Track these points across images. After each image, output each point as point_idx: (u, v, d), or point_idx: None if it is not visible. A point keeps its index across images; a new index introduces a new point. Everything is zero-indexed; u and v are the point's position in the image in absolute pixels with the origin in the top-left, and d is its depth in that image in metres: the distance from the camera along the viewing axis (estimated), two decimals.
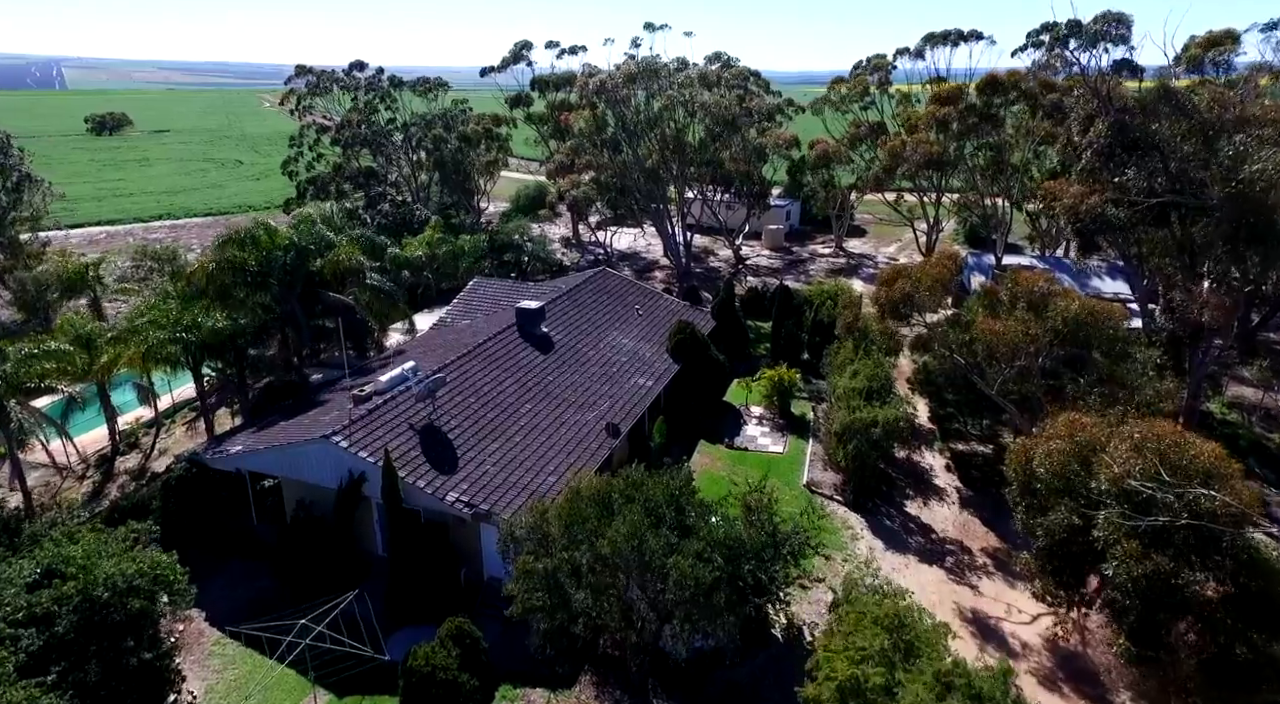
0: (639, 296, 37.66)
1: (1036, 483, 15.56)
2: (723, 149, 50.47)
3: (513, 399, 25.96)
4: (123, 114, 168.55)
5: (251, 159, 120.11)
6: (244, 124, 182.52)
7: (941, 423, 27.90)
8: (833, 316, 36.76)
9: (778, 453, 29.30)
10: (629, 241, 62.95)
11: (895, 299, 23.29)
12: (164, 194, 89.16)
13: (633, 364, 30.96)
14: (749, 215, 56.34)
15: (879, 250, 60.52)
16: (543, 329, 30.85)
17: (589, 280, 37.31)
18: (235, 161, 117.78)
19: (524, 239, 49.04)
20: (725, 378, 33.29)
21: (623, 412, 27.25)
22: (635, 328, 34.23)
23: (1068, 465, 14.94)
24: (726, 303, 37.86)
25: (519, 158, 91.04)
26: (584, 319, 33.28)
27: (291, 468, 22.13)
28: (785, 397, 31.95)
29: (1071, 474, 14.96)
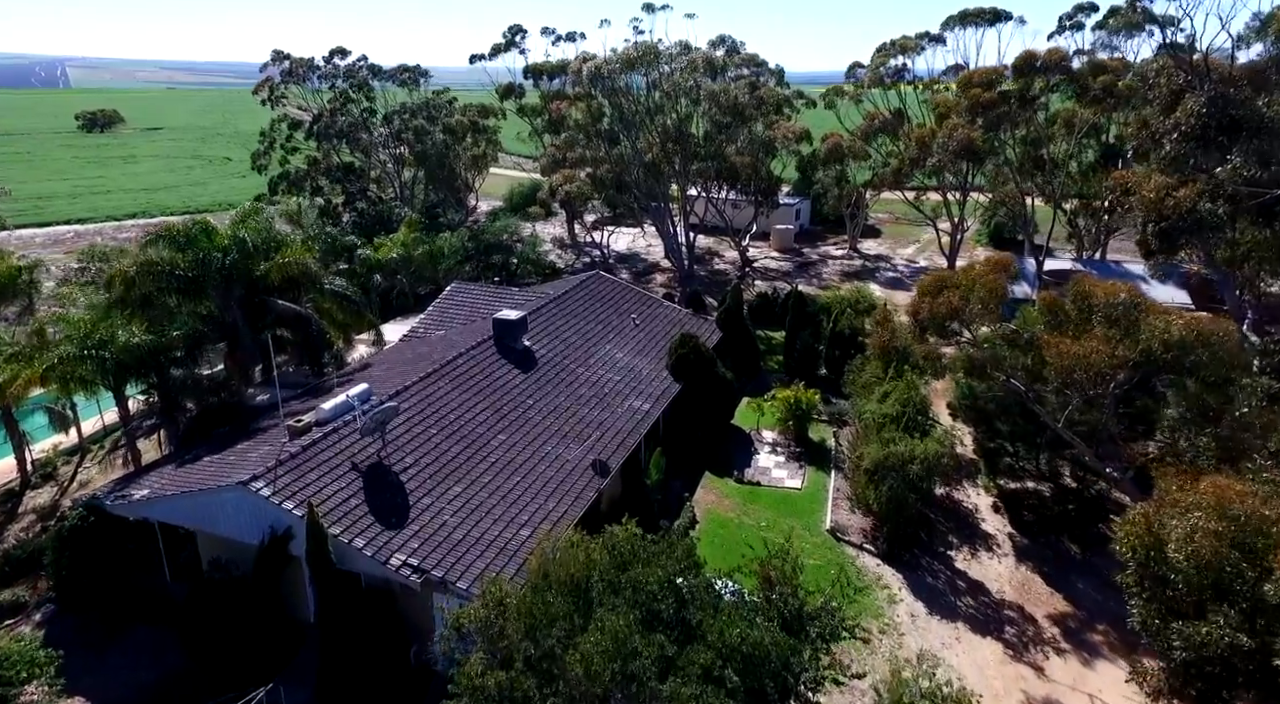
0: (636, 304, 33.64)
1: (1171, 572, 11.52)
2: (728, 142, 46.42)
3: (484, 429, 21.94)
4: (114, 111, 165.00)
5: (240, 156, 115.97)
6: (239, 121, 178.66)
7: (989, 455, 23.85)
8: (854, 327, 32.77)
9: (795, 489, 25.23)
10: (628, 242, 58.97)
11: (941, 314, 19.22)
12: (143, 191, 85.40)
13: (628, 383, 26.93)
14: (756, 214, 52.32)
15: (896, 252, 56.45)
16: (524, 343, 26.86)
17: (580, 286, 33.31)
18: (224, 159, 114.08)
19: (513, 239, 45.03)
20: (733, 398, 29.24)
21: (614, 443, 23.21)
22: (631, 340, 30.21)
23: (1222, 554, 10.93)
24: (733, 312, 33.81)
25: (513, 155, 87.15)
26: (573, 330, 29.26)
27: (205, 519, 18.14)
28: (802, 421, 27.90)
29: (1228, 566, 10.95)
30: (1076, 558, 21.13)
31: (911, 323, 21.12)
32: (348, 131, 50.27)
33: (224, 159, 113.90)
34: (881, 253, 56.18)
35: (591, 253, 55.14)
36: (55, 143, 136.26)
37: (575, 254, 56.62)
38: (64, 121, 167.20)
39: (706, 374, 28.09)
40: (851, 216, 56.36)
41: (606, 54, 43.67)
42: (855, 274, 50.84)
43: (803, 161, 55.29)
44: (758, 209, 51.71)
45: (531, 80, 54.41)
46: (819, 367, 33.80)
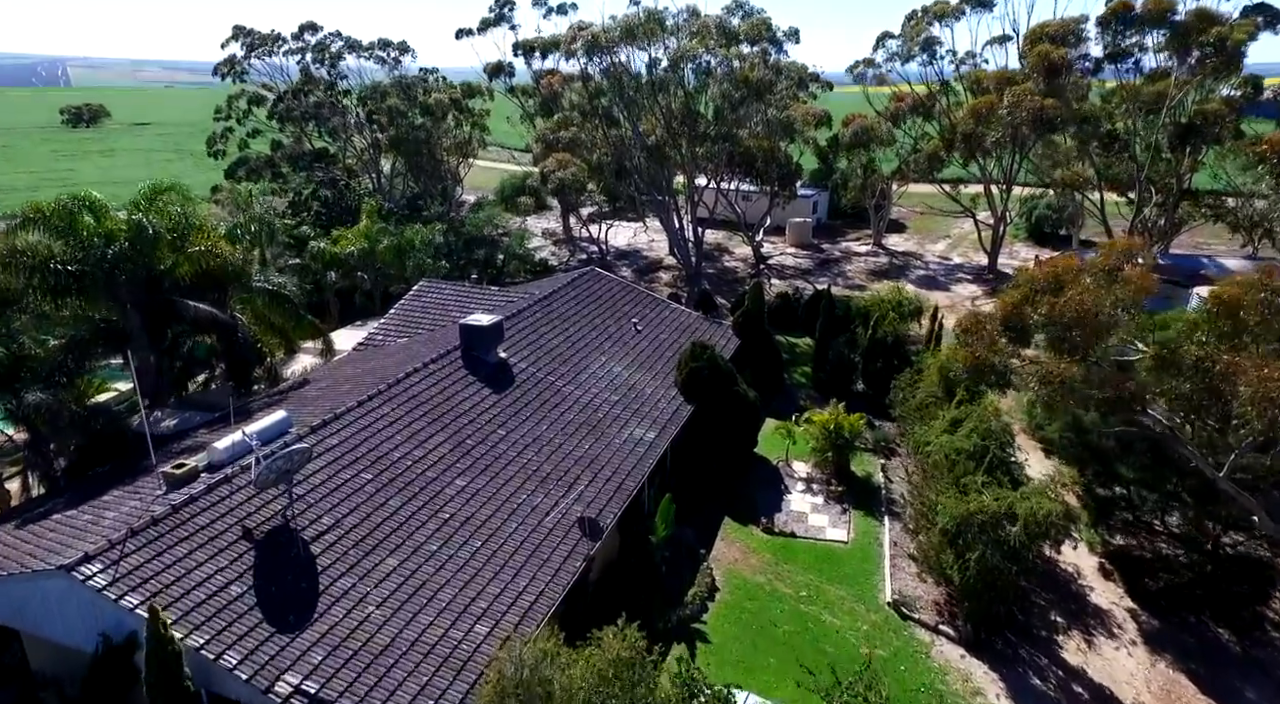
0: (638, 305, 28.33)
1: None
2: (741, 124, 41.09)
3: (437, 472, 16.63)
4: (100, 106, 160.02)
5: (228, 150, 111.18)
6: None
7: (1101, 506, 18.38)
8: (897, 334, 27.45)
9: (839, 542, 19.89)
10: (628, 237, 53.68)
11: (1066, 319, 13.84)
12: (112, 184, 79.87)
13: (627, 405, 21.63)
14: (772, 205, 46.95)
15: (926, 248, 51.12)
16: (498, 354, 21.59)
17: (571, 284, 28.01)
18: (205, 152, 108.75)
19: (498, 233, 39.70)
20: (756, 421, 23.90)
21: (609, 488, 17.90)
22: (632, 350, 24.91)
23: None
24: (754, 315, 28.47)
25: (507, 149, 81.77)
26: (560, 338, 23.96)
27: (23, 615, 12.81)
28: (844, 452, 22.55)
29: None
30: (1233, 649, 15.79)
31: (999, 330, 15.79)
32: (316, 113, 44.95)
33: (205, 153, 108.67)
34: (910, 249, 50.84)
35: (588, 249, 49.86)
36: (37, 137, 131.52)
37: (570, 250, 51.32)
38: (53, 117, 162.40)
39: (724, 393, 22.78)
40: (877, 209, 51.01)
41: (604, 23, 38.36)
42: (883, 272, 45.50)
43: (822, 149, 49.90)
44: (773, 199, 46.33)
45: (522, 58, 49.11)
46: (855, 381, 28.50)
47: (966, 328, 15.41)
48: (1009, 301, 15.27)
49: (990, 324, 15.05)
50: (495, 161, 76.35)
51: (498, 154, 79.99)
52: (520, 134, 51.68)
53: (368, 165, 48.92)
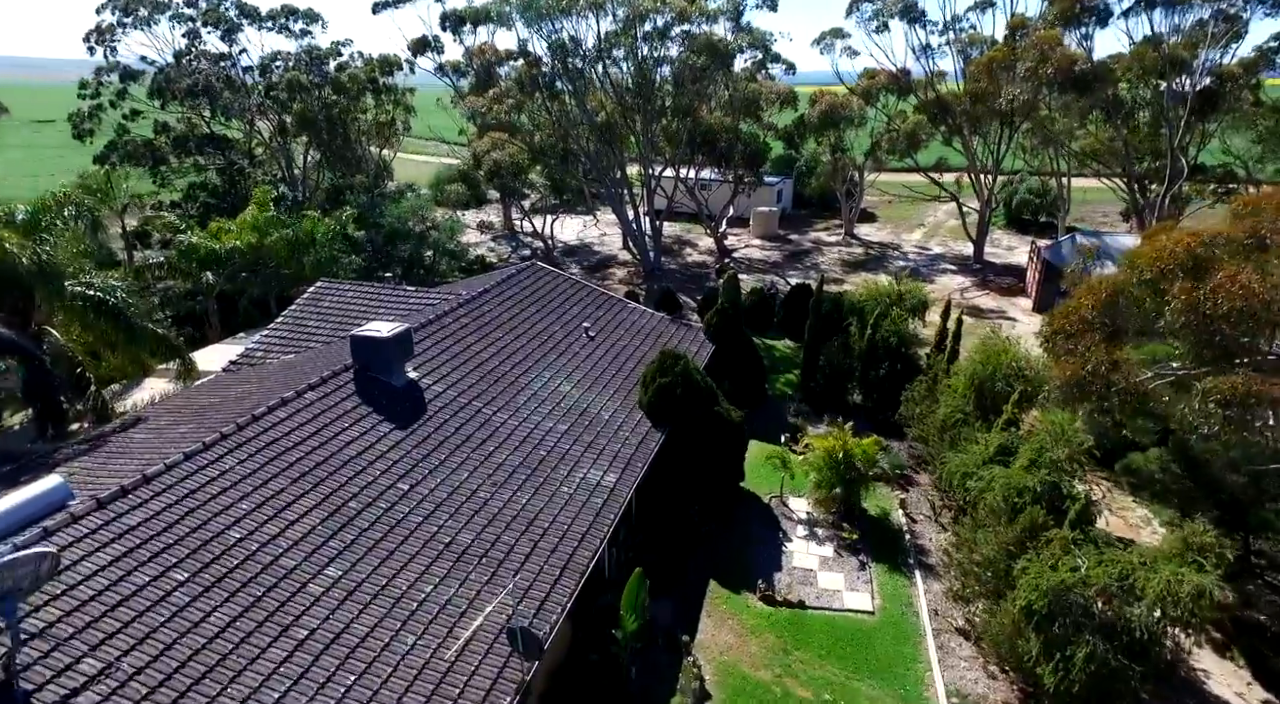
0: (590, 306, 23.24)
1: None
2: (701, 96, 36.35)
3: (298, 558, 11.27)
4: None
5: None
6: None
7: (1228, 563, 13.86)
8: (902, 335, 22.94)
9: (864, 613, 15.11)
10: (577, 231, 48.50)
11: (1227, 309, 9.28)
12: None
13: (579, 437, 16.52)
14: (736, 192, 42.40)
15: (901, 237, 47.22)
16: (407, 375, 16.28)
17: (507, 282, 22.76)
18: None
19: (425, 225, 34.10)
20: (742, 449, 18.99)
21: (555, 563, 12.79)
22: (584, 362, 19.81)
23: None
24: (730, 316, 23.64)
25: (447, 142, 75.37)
26: (492, 351, 18.71)
27: None
28: (854, 486, 17.80)
29: None
30: None
31: (1101, 328, 11.21)
32: (206, 88, 38.43)
33: None
34: (884, 239, 46.85)
35: (533, 244, 44.53)
36: None
37: (512, 246, 45.94)
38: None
39: (703, 415, 17.87)
40: (848, 196, 46.88)
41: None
42: (859, 264, 41.34)
43: (787, 130, 45.50)
44: (738, 186, 41.79)
45: (450, 32, 43.45)
46: (851, 391, 23.93)
47: (1063, 328, 10.72)
48: (1119, 288, 10.64)
49: (1093, 320, 10.35)
50: (433, 156, 70.08)
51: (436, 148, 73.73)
52: (453, 120, 46.08)
53: (277, 153, 42.59)
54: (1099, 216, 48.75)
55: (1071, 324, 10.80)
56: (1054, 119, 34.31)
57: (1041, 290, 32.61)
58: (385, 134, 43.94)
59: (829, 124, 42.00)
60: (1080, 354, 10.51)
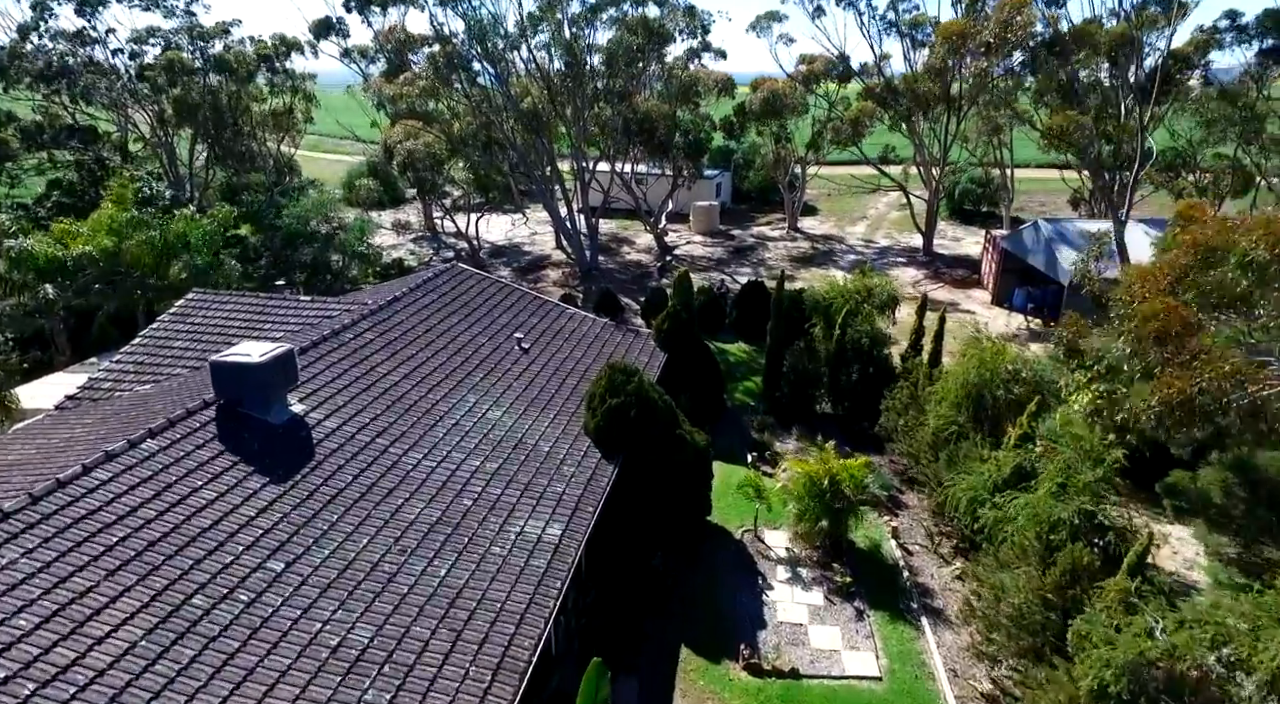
0: (522, 313, 20.03)
1: None
2: (636, 79, 33.53)
3: (117, 684, 7.73)
4: None
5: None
6: None
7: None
8: (874, 333, 20.58)
9: (871, 680, 12.43)
10: (505, 230, 44.93)
11: None
12: None
13: (513, 477, 13.36)
14: (676, 185, 39.74)
15: (845, 230, 45.45)
16: (291, 408, 12.84)
17: (422, 288, 19.37)
18: None
19: (332, 226, 30.12)
20: (707, 477, 16.13)
21: (486, 661, 9.60)
22: (517, 380, 16.65)
23: None
24: (682, 320, 20.80)
25: (363, 141, 70.34)
26: (403, 372, 15.34)
27: None
28: (843, 517, 15.16)
29: None
30: None
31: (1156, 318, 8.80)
32: (63, 71, 33.19)
33: None
34: (828, 232, 44.99)
35: (457, 245, 40.81)
36: None
37: (435, 248, 42.06)
38: None
39: (663, 440, 14.95)
40: (791, 188, 44.85)
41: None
42: (807, 259, 39.26)
43: (728, 120, 43.04)
44: (677, 178, 39.12)
45: (357, 12, 39.28)
46: (819, 398, 21.47)
47: (1165, 332, 8.18)
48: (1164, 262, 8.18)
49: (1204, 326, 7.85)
50: (348, 155, 64.94)
51: (351, 147, 68.59)
52: (365, 113, 41.85)
53: (158, 148, 37.53)
54: (1036, 205, 48.23)
55: (1159, 325, 8.35)
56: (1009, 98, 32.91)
57: (999, 282, 31.05)
58: (284, 125, 39.38)
59: (771, 112, 39.76)
60: (1186, 366, 8.04)
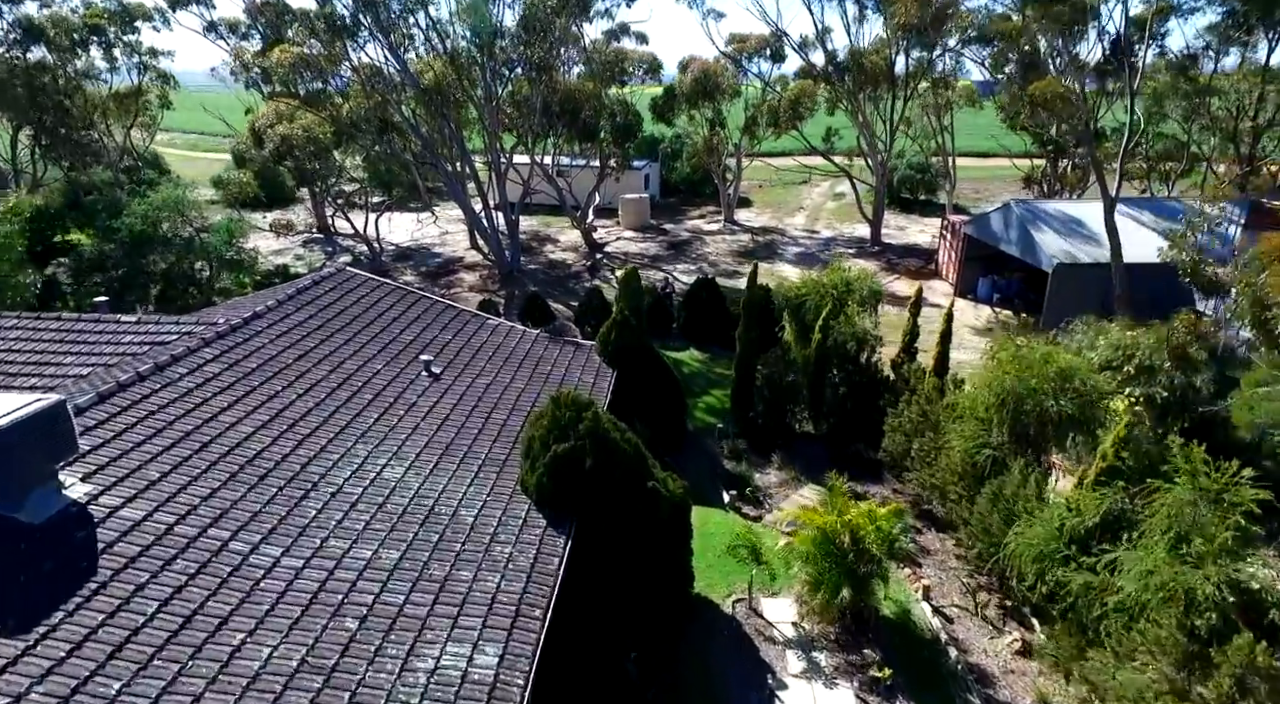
0: (432, 327, 15.78)
1: None
2: (554, 53, 29.48)
3: None
4: None
5: None
6: None
7: None
8: (860, 335, 17.33)
9: None
10: (412, 230, 39.92)
11: None
12: None
13: (424, 573, 9.14)
14: (603, 175, 35.91)
15: (784, 222, 42.68)
16: (65, 492, 8.22)
17: (295, 299, 14.88)
18: None
19: (193, 228, 24.75)
20: (685, 536, 12.27)
21: None
22: (426, 420, 12.41)
23: None
24: (632, 328, 16.94)
25: (235, 130, 63.29)
26: (258, 419, 10.88)
27: None
28: (868, 584, 11.58)
29: None
30: None
31: None
32: None
33: None
34: (767, 224, 42.09)
35: (356, 248, 35.65)
36: None
37: (328, 251, 36.73)
38: None
39: (629, 496, 11.05)
40: (725, 178, 41.72)
41: None
42: (750, 252, 36.12)
43: (656, 103, 39.42)
44: (604, 168, 35.30)
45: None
46: (798, 416, 18.05)
47: None
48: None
49: None
50: (228, 154, 57.91)
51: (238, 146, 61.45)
52: (240, 100, 36.01)
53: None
54: (971, 193, 46.92)
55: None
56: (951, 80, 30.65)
57: (962, 271, 28.63)
58: (132, 110, 33.19)
59: (703, 93, 36.47)
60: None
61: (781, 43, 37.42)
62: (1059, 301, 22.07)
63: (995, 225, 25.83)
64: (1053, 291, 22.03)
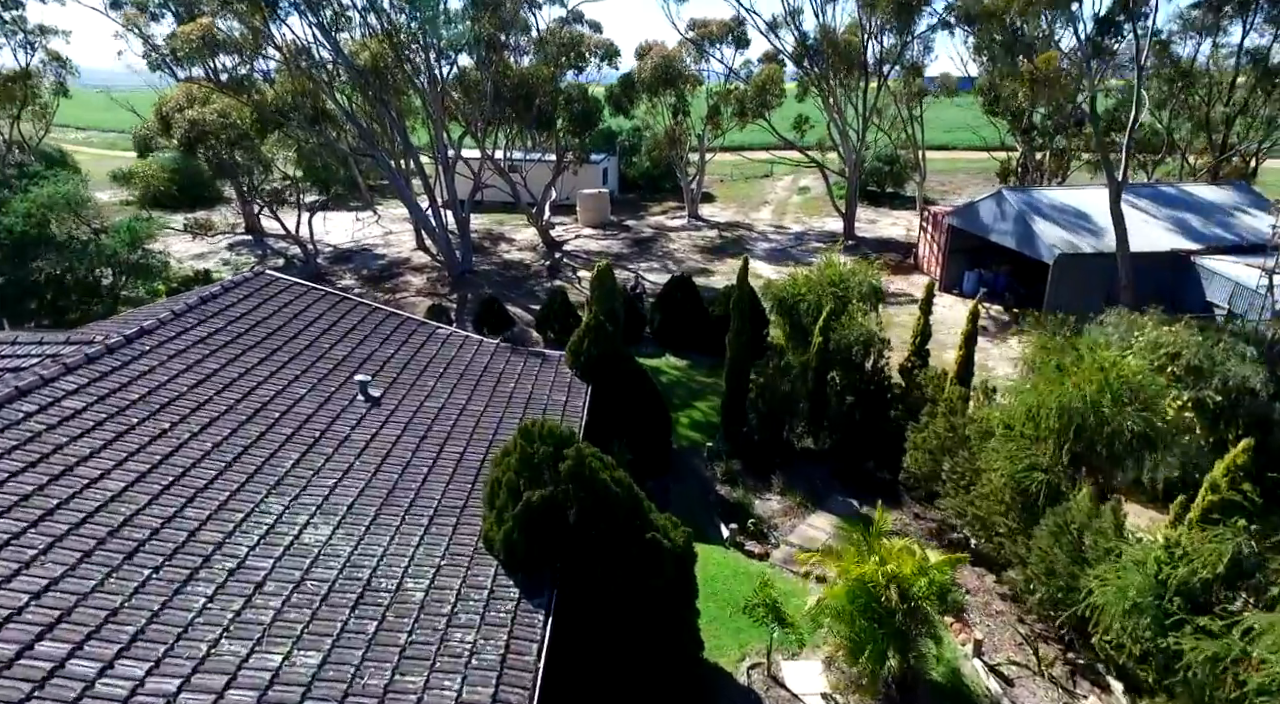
0: (370, 340, 13.17)
1: None
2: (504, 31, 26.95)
3: None
4: None
5: None
6: None
7: None
8: (868, 337, 15.37)
9: None
10: (353, 230, 36.75)
11: None
12: None
13: (352, 678, 6.58)
14: (560, 169, 33.44)
15: (750, 216, 40.78)
16: None
17: (197, 310, 12.09)
18: None
19: (89, 226, 21.47)
20: (690, 595, 9.96)
21: None
22: (362, 461, 9.84)
23: None
24: (608, 335, 14.57)
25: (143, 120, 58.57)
26: (127, 470, 8.16)
27: None
28: (915, 643, 9.46)
29: None
30: None
31: None
32: None
33: None
34: (733, 219, 40.13)
35: (289, 251, 32.41)
36: None
37: (260, 254, 33.40)
38: None
39: (624, 551, 8.70)
40: (687, 171, 39.63)
41: None
42: (719, 249, 34.12)
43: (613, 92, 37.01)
44: (561, 160, 32.84)
45: None
46: (796, 430, 15.96)
47: None
48: None
49: None
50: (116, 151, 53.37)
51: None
52: (157, 93, 32.26)
53: None
54: (937, 186, 45.86)
55: None
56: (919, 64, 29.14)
57: (947, 265, 27.05)
58: (18, 97, 29.34)
59: (664, 81, 34.29)
60: None
61: (744, 27, 35.49)
62: (1060, 294, 20.57)
63: (985, 215, 24.26)
64: (1054, 283, 20.50)
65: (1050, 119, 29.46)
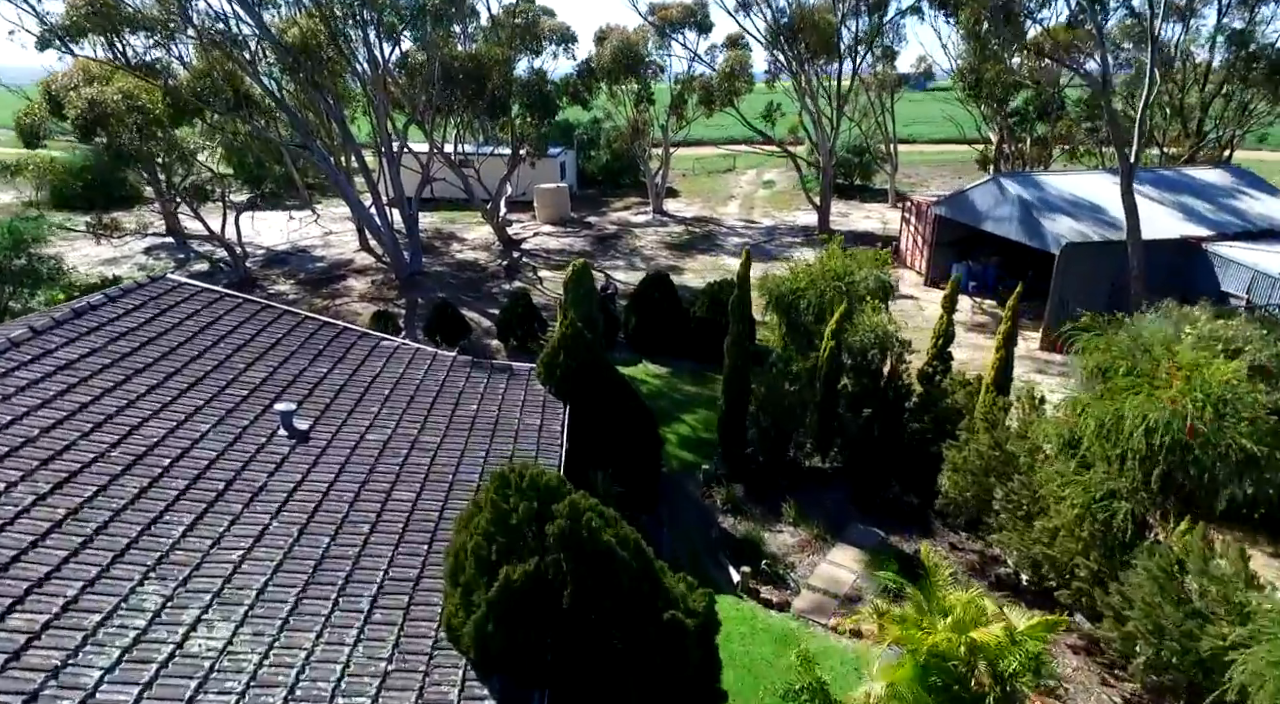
0: (299, 357, 10.65)
1: None
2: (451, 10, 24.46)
3: None
4: None
5: None
6: None
7: None
8: (885, 338, 13.45)
9: None
10: (288, 230, 33.61)
11: None
12: None
13: None
14: (517, 161, 30.99)
15: (717, 211, 38.84)
16: None
17: (73, 323, 9.44)
18: None
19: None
20: (713, 677, 7.77)
21: None
22: (277, 520, 7.36)
23: None
24: (586, 344, 12.29)
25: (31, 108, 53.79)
26: None
27: None
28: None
29: None
30: None
31: None
32: None
33: None
34: (700, 214, 38.15)
35: (215, 253, 29.20)
36: None
37: (181, 257, 30.11)
38: None
39: (641, 641, 6.47)
40: (650, 163, 37.53)
41: None
42: (688, 245, 32.07)
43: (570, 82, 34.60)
44: (516, 152, 30.39)
45: None
46: (802, 447, 13.96)
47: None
48: None
49: None
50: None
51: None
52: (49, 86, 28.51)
53: None
54: (905, 178, 44.76)
55: None
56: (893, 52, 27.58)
57: (933, 258, 25.51)
58: None
59: (625, 68, 32.13)
60: None
61: (707, 9, 33.52)
62: (1067, 285, 19.10)
63: (979, 203, 22.73)
64: (1060, 274, 19.00)
65: (1032, 104, 28.28)
